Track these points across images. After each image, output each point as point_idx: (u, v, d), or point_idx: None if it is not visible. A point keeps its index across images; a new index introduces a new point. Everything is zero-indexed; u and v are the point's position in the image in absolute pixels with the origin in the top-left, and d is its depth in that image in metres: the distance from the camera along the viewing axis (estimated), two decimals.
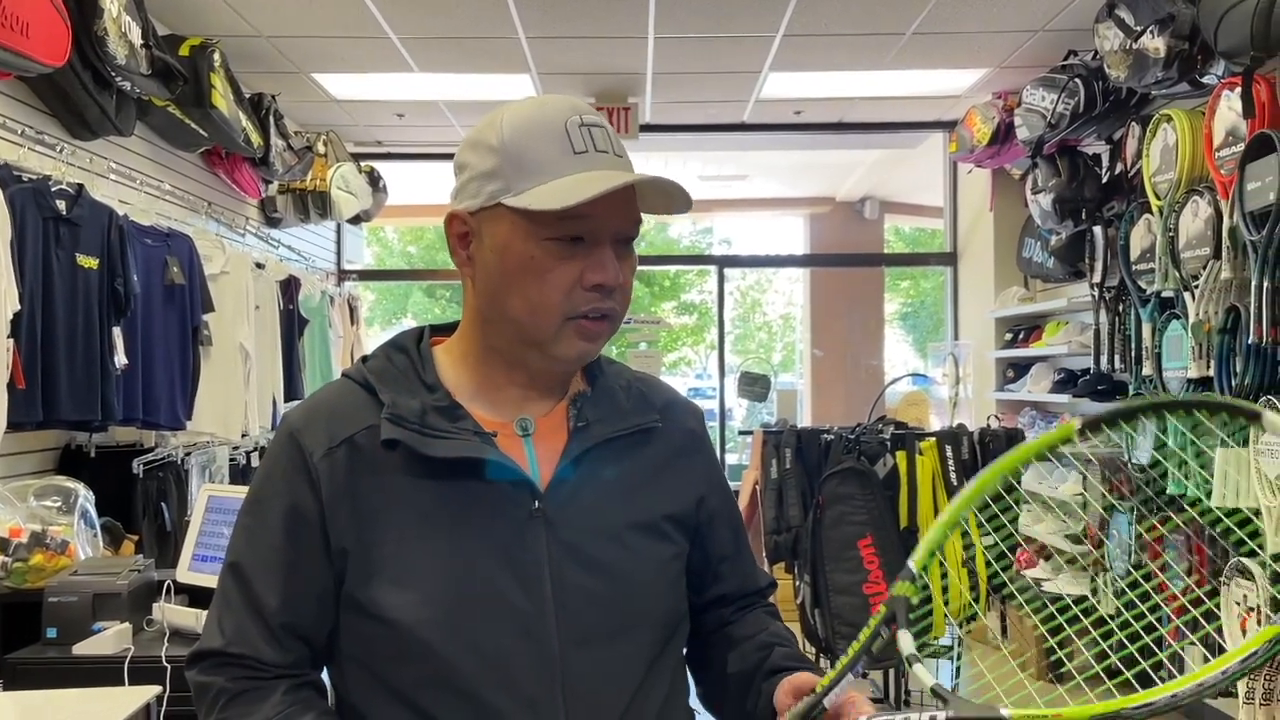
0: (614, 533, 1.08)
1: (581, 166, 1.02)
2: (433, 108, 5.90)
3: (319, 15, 4.42)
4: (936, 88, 5.65)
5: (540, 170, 1.02)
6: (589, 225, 1.03)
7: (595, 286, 1.03)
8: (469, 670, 1.00)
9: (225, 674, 1.04)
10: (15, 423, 2.97)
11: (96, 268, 3.35)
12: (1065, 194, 4.72)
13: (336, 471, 1.04)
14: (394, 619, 1.01)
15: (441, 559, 1.02)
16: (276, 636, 1.04)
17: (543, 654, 1.02)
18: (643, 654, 1.08)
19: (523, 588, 1.03)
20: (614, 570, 1.07)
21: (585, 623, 1.04)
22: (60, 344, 3.18)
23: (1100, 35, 4.00)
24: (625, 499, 1.10)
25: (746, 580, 1.25)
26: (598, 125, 1.05)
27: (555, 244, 1.03)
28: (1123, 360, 4.38)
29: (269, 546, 1.05)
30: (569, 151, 1.03)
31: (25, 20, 2.89)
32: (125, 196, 3.86)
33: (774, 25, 4.62)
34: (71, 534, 2.60)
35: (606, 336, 1.09)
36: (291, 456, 1.06)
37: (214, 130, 4.35)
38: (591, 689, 1.04)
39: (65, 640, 2.21)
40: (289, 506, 1.05)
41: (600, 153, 1.04)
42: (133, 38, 3.53)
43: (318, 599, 1.05)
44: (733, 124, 6.35)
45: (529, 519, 1.05)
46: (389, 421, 1.04)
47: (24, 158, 3.28)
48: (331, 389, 1.13)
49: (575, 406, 1.12)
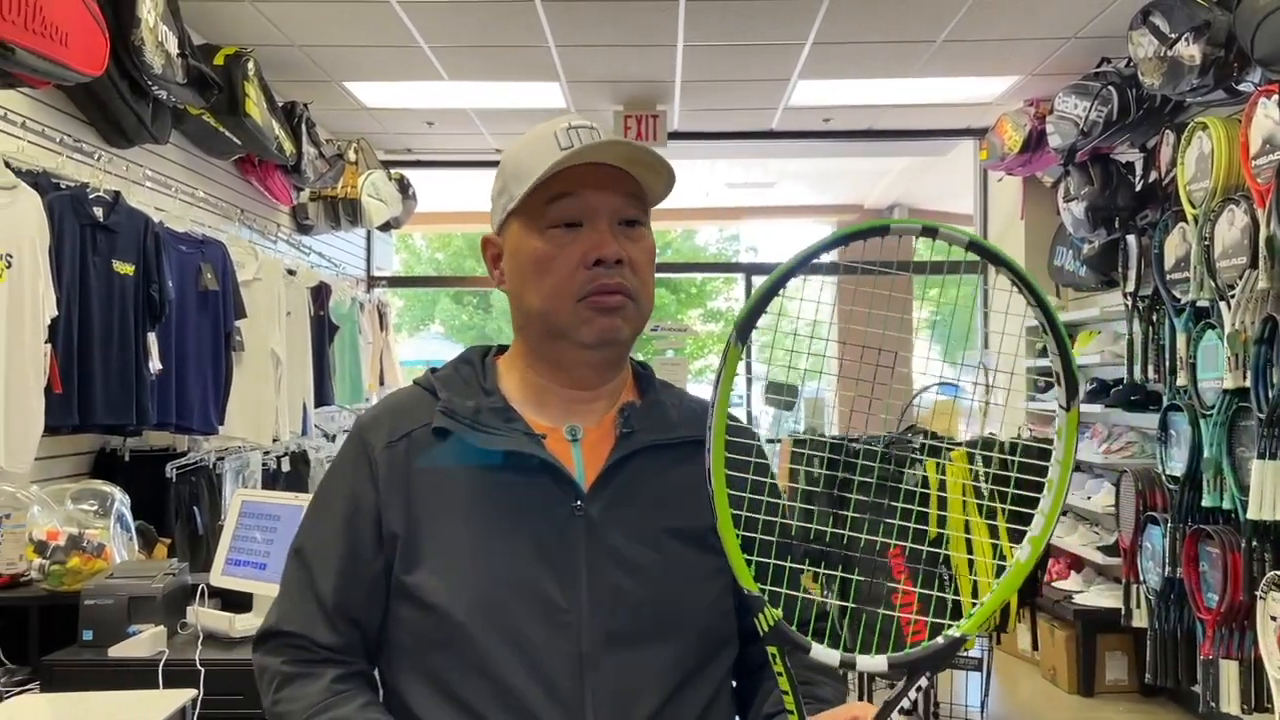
0: (653, 537, 1.10)
1: (566, 155, 1.07)
2: (462, 116, 5.93)
3: (351, 25, 4.46)
4: (967, 95, 5.62)
5: (532, 173, 1.08)
6: (580, 205, 1.09)
7: (596, 263, 1.08)
8: (500, 658, 1.04)
9: (282, 656, 1.11)
10: (52, 426, 3.01)
11: (132, 274, 3.39)
12: (1098, 202, 4.68)
13: (395, 463, 1.11)
14: (434, 603, 1.06)
15: (483, 550, 1.07)
16: (330, 618, 1.10)
17: (573, 650, 1.05)
18: (676, 664, 1.08)
19: (558, 584, 1.06)
20: (650, 573, 1.09)
21: (617, 623, 1.06)
22: (96, 349, 3.22)
23: (1134, 42, 3.96)
24: (667, 506, 1.12)
25: None
26: (586, 126, 1.11)
27: (555, 231, 1.09)
28: (1156, 370, 4.33)
29: (328, 533, 1.13)
30: (555, 149, 1.08)
31: (64, 30, 2.94)
32: (160, 203, 3.91)
33: (803, 33, 4.61)
34: (107, 537, 2.63)
35: (627, 313, 1.11)
36: (356, 450, 1.14)
37: (247, 138, 4.40)
38: (619, 690, 1.05)
39: (101, 643, 2.24)
40: (349, 495, 1.13)
41: (586, 145, 1.08)
42: (169, 47, 3.58)
43: (370, 584, 1.10)
44: (761, 131, 6.35)
45: (570, 518, 1.08)
46: (441, 413, 1.12)
47: (62, 165, 3.32)
48: (400, 393, 1.22)
49: (623, 415, 1.15)
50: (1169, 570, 3.94)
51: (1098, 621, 4.85)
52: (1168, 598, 4.00)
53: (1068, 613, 4.95)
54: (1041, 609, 5.07)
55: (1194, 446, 3.82)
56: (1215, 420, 3.60)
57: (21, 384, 2.86)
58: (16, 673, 2.30)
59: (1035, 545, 0.90)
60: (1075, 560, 5.30)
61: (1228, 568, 3.51)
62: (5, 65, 2.81)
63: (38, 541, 2.56)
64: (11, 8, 2.68)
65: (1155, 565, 4.08)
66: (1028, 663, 5.38)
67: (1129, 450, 4.86)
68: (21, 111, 3.25)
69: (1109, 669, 4.91)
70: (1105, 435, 5.07)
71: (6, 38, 2.68)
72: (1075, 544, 5.18)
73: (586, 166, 1.09)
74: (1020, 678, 5.28)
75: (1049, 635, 5.07)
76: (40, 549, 2.55)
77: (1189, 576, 3.76)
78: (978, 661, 3.81)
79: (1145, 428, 4.79)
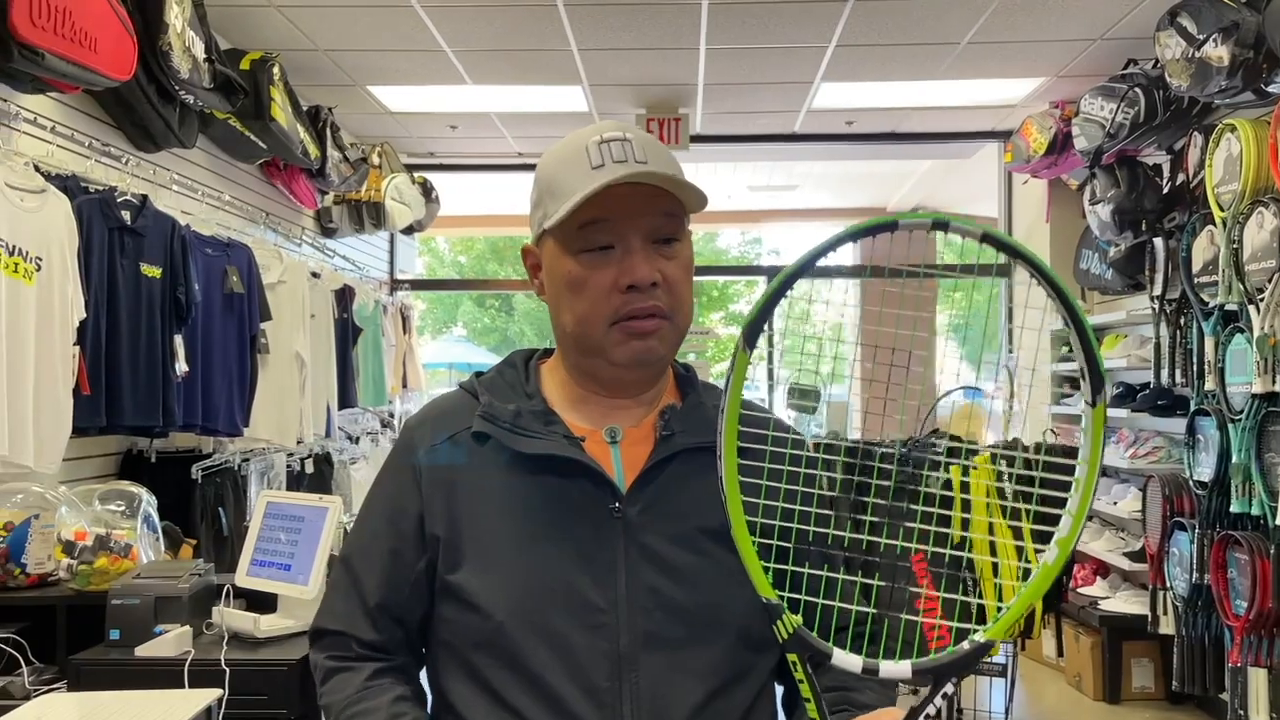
0: (691, 539, 1.11)
1: (598, 178, 1.06)
2: (485, 119, 5.95)
3: (375, 29, 4.49)
4: (991, 97, 5.59)
5: (565, 192, 1.09)
6: (612, 230, 1.08)
7: (629, 288, 1.08)
8: (539, 657, 1.05)
9: (326, 652, 1.17)
10: (80, 427, 3.04)
11: (159, 276, 3.42)
12: (1125, 205, 4.64)
13: (438, 464, 1.15)
14: (475, 604, 1.08)
15: (522, 550, 1.08)
16: (372, 616, 1.14)
17: (610, 650, 1.06)
18: (715, 666, 1.08)
19: (596, 585, 1.07)
20: (687, 575, 1.09)
21: (654, 624, 1.07)
22: (124, 351, 3.25)
23: (1161, 44, 3.93)
24: (706, 508, 1.11)
25: None
26: (618, 140, 1.09)
27: (588, 255, 1.09)
28: (1184, 375, 4.29)
29: (372, 533, 1.17)
30: (587, 169, 1.08)
31: (94, 36, 2.97)
32: (187, 207, 3.95)
33: (827, 36, 4.60)
34: (134, 538, 2.65)
35: (663, 334, 1.11)
36: (401, 453, 1.19)
37: (273, 142, 4.43)
38: (657, 692, 1.06)
39: (128, 642, 2.25)
40: (392, 496, 1.17)
41: (617, 163, 1.08)
42: (196, 52, 3.61)
43: (412, 584, 1.13)
44: (784, 134, 6.34)
45: (608, 519, 1.09)
46: (481, 418, 1.14)
47: (91, 169, 3.36)
48: (444, 397, 1.25)
49: (663, 418, 1.16)
50: (1196, 576, 3.90)
51: (1124, 628, 4.80)
52: (1195, 604, 3.96)
53: (1093, 619, 4.91)
54: (1067, 615, 5.03)
55: (1222, 451, 3.78)
56: (1244, 425, 3.57)
57: (50, 385, 2.89)
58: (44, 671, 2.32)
59: (1063, 547, 0.88)
60: (1101, 566, 5.25)
61: (1256, 574, 3.47)
62: (35, 70, 2.84)
63: (66, 541, 2.59)
64: (42, 14, 2.72)
65: (1182, 571, 4.03)
66: (1052, 669, 5.33)
67: (1156, 455, 4.81)
68: (51, 116, 3.29)
69: (1135, 676, 4.86)
70: (1132, 440, 5.02)
71: (37, 43, 2.71)
72: (1101, 549, 5.13)
73: (619, 186, 1.07)
74: (1045, 684, 5.23)
75: (1074, 641, 5.03)
76: (68, 549, 2.58)
77: (1217, 583, 3.72)
78: (1002, 668, 3.78)
79: (1172, 432, 4.74)
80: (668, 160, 1.11)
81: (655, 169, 1.08)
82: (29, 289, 2.82)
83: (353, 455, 5.61)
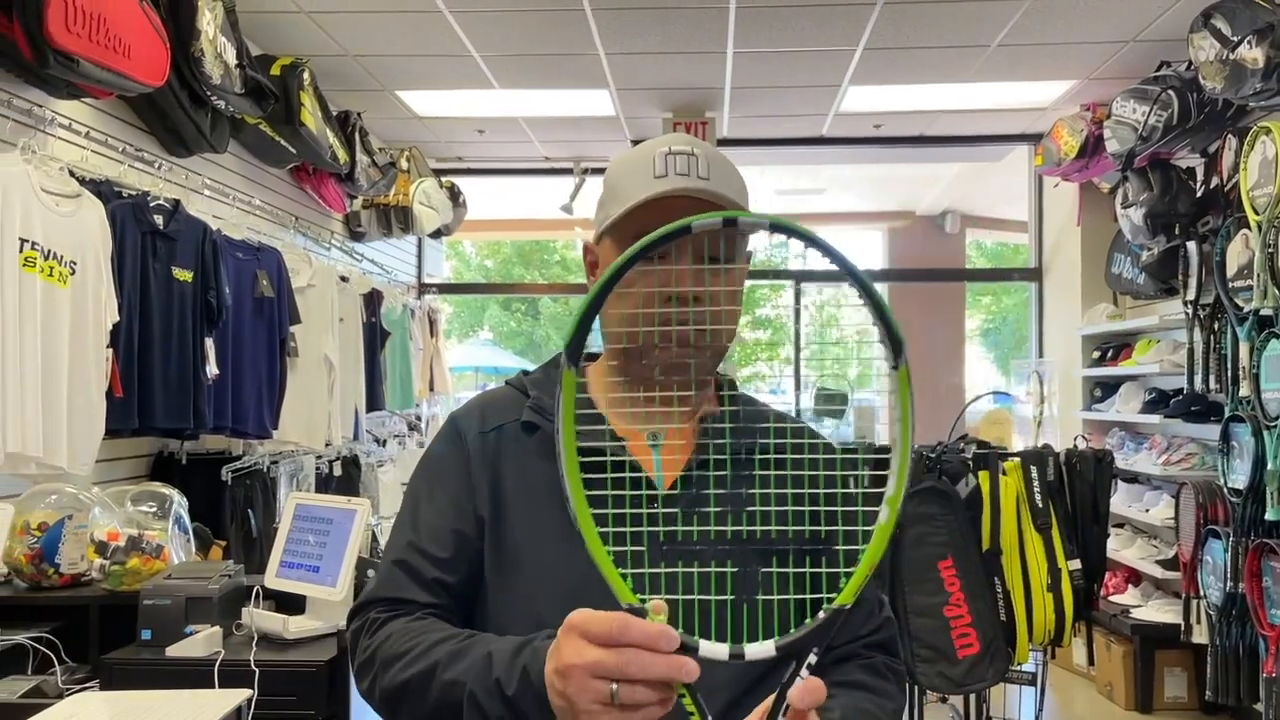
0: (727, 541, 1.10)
1: (658, 187, 1.09)
2: (512, 124, 5.97)
3: (404, 35, 4.52)
4: (1022, 100, 5.54)
5: (626, 196, 1.11)
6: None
7: (670, 299, 1.10)
8: None
9: (376, 609, 1.16)
10: (113, 429, 3.08)
11: (191, 280, 3.46)
12: (1157, 208, 4.59)
13: (486, 451, 1.18)
14: (516, 591, 1.12)
15: (562, 542, 1.09)
16: (430, 586, 1.15)
17: None
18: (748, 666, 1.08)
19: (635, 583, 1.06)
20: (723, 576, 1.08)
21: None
22: (156, 354, 3.29)
23: (1195, 45, 3.88)
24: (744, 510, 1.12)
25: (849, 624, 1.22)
26: (685, 153, 1.11)
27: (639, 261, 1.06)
28: (1218, 380, 4.23)
29: (426, 512, 1.18)
30: (650, 177, 1.11)
31: (128, 43, 3.01)
32: (218, 211, 3.98)
33: (855, 39, 4.58)
34: (166, 539, 2.67)
35: (703, 346, 1.13)
36: (449, 438, 1.22)
37: (303, 147, 4.47)
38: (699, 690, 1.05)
39: (159, 642, 2.27)
40: (440, 476, 1.19)
41: (679, 175, 1.10)
42: (227, 58, 3.65)
43: (469, 562, 1.16)
44: (811, 138, 6.31)
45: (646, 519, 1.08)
46: (530, 409, 1.19)
47: (124, 174, 3.40)
48: (493, 390, 1.29)
49: (703, 424, 1.18)
50: (1230, 585, 3.85)
51: (1156, 637, 4.74)
52: (1229, 613, 3.90)
53: (1125, 627, 4.85)
54: (1098, 623, 4.97)
55: (1257, 458, 3.73)
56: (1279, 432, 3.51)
57: (84, 388, 2.92)
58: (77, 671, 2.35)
59: (892, 505, 0.89)
60: (1133, 574, 5.19)
61: None
62: (70, 76, 2.88)
63: (99, 542, 2.61)
64: (77, 21, 2.75)
65: (1216, 580, 3.98)
66: (1084, 678, 5.27)
67: (1189, 462, 4.75)
68: (85, 121, 3.33)
69: (1168, 685, 4.79)
70: (1164, 446, 4.96)
71: (72, 49, 2.75)
72: (1133, 557, 5.07)
73: (678, 197, 1.09)
74: (1076, 693, 5.17)
75: (1106, 650, 4.97)
76: (101, 549, 2.60)
77: (1251, 592, 3.66)
78: (1032, 676, 3.74)
79: (1206, 439, 4.68)
80: (731, 181, 1.13)
81: (714, 187, 1.10)
82: (64, 292, 2.85)
83: (380, 458, 5.64)
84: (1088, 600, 3.54)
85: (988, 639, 3.35)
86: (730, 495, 1.08)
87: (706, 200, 1.10)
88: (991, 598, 3.42)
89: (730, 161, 1.17)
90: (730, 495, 1.08)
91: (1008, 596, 3.44)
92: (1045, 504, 3.57)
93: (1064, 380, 6.12)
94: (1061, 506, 3.54)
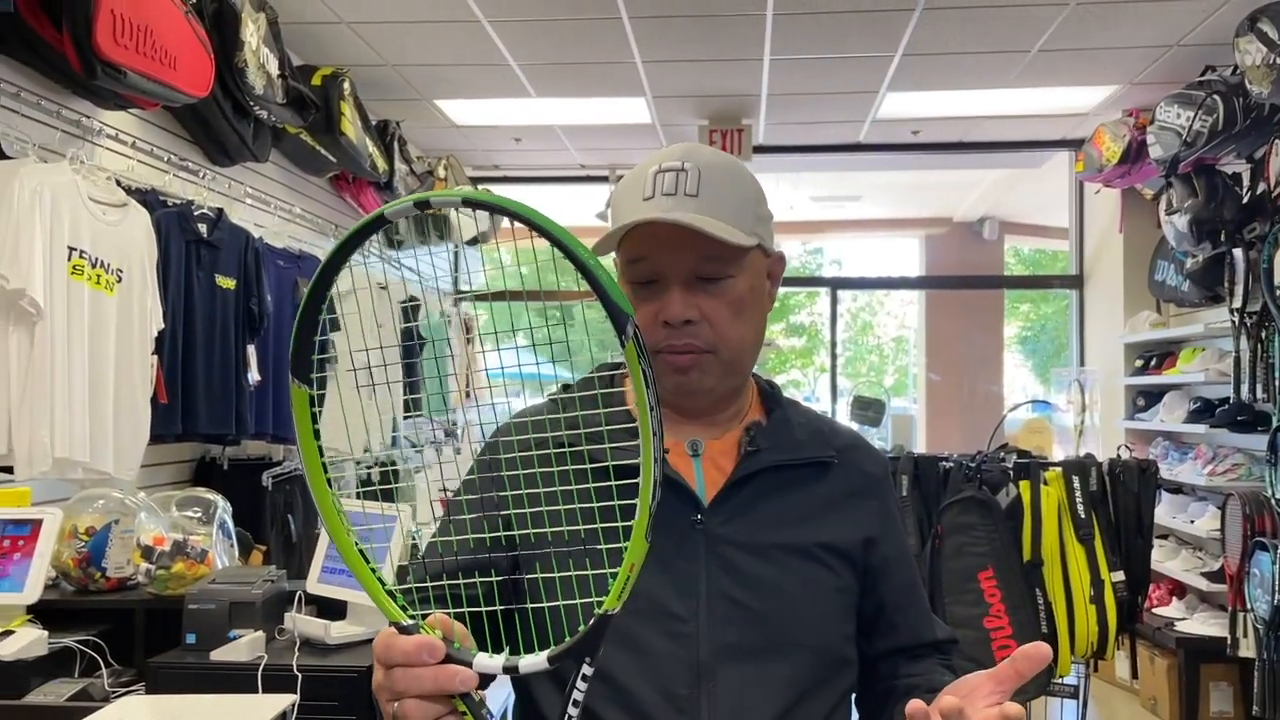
0: (772, 552, 1.11)
1: (642, 211, 1.08)
2: (549, 132, 6.00)
3: (442, 44, 4.55)
4: (1062, 105, 5.48)
5: (618, 217, 1.11)
6: (651, 267, 1.10)
7: (664, 324, 1.09)
8: (621, 663, 1.06)
9: None
10: (157, 435, 3.12)
11: (234, 288, 3.50)
12: (1202, 215, 4.52)
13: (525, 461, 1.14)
14: None
15: None
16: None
17: (690, 659, 1.06)
18: (791, 680, 1.09)
19: (678, 594, 1.08)
20: (767, 588, 1.10)
21: (733, 635, 1.08)
22: (199, 360, 3.33)
23: (1241, 50, 3.82)
24: (789, 523, 1.13)
25: (921, 632, 1.23)
26: (674, 170, 1.09)
27: (634, 287, 1.11)
28: (1265, 390, 4.16)
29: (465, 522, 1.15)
30: (639, 198, 1.09)
31: (174, 54, 3.05)
32: (260, 220, 4.03)
33: (893, 45, 4.56)
34: (210, 543, 2.70)
35: (704, 367, 1.12)
36: (489, 451, 1.20)
37: (342, 156, 4.51)
38: (736, 703, 1.06)
39: (203, 646, 2.30)
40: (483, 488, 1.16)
41: (665, 195, 1.08)
42: (270, 69, 3.69)
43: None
44: (848, 144, 6.28)
45: (690, 530, 1.10)
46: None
47: (169, 184, 3.45)
48: (535, 404, 1.26)
49: (749, 434, 1.17)
50: (1278, 598, 3.77)
51: (1201, 650, 4.65)
52: (1277, 626, 3.82)
53: (1169, 641, 4.77)
54: (1142, 636, 4.88)
55: None
56: None
57: (130, 395, 2.97)
58: (123, 674, 2.37)
59: (644, 469, 0.83)
60: (1178, 586, 5.10)
61: None
62: (118, 88, 2.93)
63: (145, 547, 2.65)
64: (125, 33, 2.80)
65: (1264, 593, 3.90)
66: (1127, 692, 5.19)
67: (1235, 472, 4.66)
68: (131, 132, 3.38)
69: (1213, 700, 4.70)
70: (1210, 456, 4.88)
71: (119, 61, 2.80)
72: (1178, 569, 4.98)
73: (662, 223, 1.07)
74: (1119, 707, 5.09)
75: (1149, 664, 4.89)
76: (147, 554, 2.64)
77: None
78: (1074, 689, 3.69)
79: (1253, 449, 4.60)
80: (725, 194, 1.09)
81: (694, 211, 1.06)
82: (110, 300, 2.90)
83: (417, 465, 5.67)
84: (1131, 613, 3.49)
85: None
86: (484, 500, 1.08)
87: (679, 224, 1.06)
88: (1033, 609, 3.37)
89: (735, 169, 1.13)
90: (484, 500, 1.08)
91: (1049, 608, 3.39)
92: (1088, 514, 3.52)
93: (1106, 389, 6.03)
94: (1104, 517, 3.49)
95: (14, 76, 2.86)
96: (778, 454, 1.15)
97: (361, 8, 4.13)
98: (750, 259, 1.13)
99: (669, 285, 1.10)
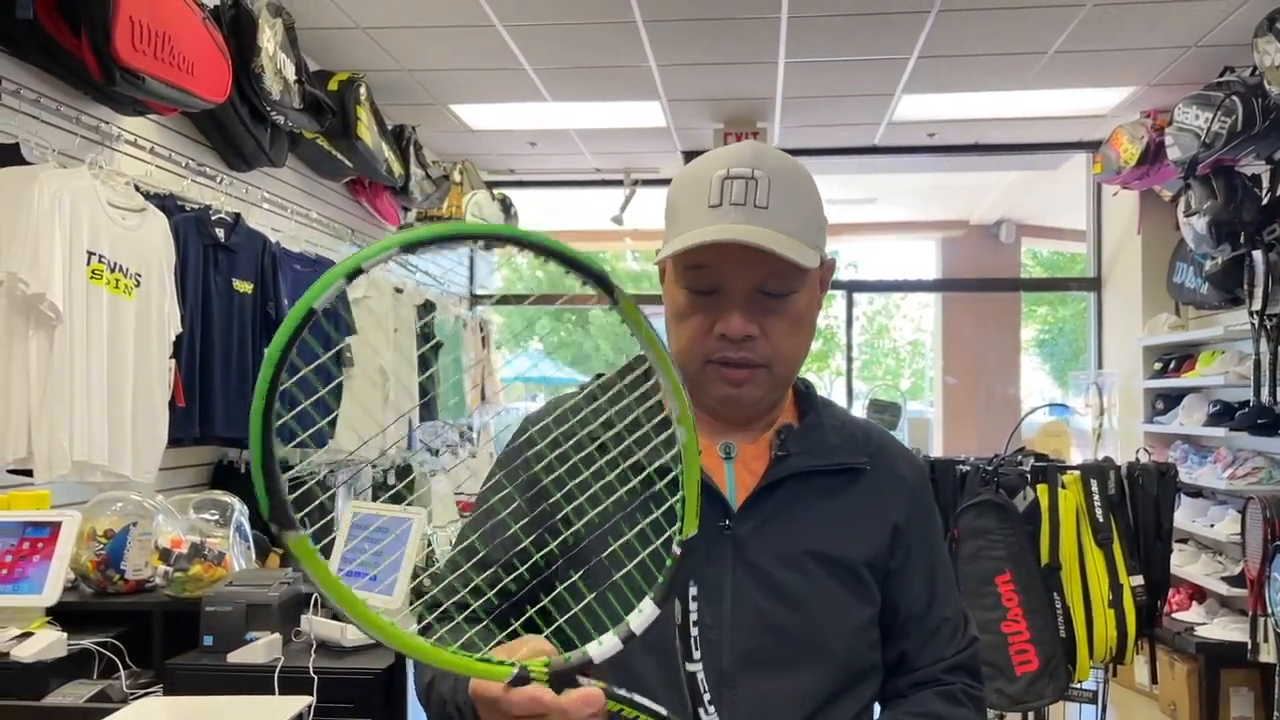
0: (799, 561, 1.09)
1: (710, 219, 1.04)
2: (564, 136, 6.01)
3: (458, 49, 4.57)
4: (1080, 107, 5.46)
5: (681, 223, 1.07)
6: (714, 277, 1.06)
7: (722, 336, 1.07)
8: (645, 667, 1.04)
9: None
10: (175, 438, 3.14)
11: (251, 292, 3.52)
12: (1222, 216, 4.48)
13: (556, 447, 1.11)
14: None
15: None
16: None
17: (713, 666, 1.03)
18: (813, 690, 1.07)
19: (704, 600, 1.04)
20: (793, 597, 1.07)
21: (756, 645, 1.06)
22: (217, 364, 3.35)
23: (1260, 50, 3.79)
24: (818, 531, 1.11)
25: (932, 646, 1.17)
26: (742, 178, 1.04)
27: (690, 293, 1.08)
28: None
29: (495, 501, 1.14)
30: (705, 204, 1.05)
31: (191, 60, 3.08)
32: (276, 224, 4.05)
33: (909, 47, 4.54)
34: (227, 546, 2.71)
35: (756, 381, 1.10)
36: (520, 438, 1.17)
37: (358, 161, 4.53)
38: (755, 711, 1.04)
39: (220, 648, 2.31)
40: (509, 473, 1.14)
41: (734, 205, 1.04)
42: (287, 74, 3.71)
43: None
44: (863, 147, 6.27)
45: (719, 535, 1.08)
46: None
47: (187, 189, 3.47)
48: (566, 395, 1.23)
49: (780, 437, 1.14)
50: None
51: (1222, 655, 4.61)
52: None
53: (1189, 645, 4.73)
54: (1161, 641, 4.84)
55: None
56: None
57: (148, 398, 2.99)
58: (141, 675, 2.39)
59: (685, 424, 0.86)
60: (1197, 590, 5.06)
61: None
62: (136, 93, 2.95)
63: (162, 549, 2.66)
64: (143, 40, 2.82)
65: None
66: (1146, 697, 5.15)
67: (1255, 476, 4.62)
68: (150, 137, 3.41)
69: (1234, 706, 4.66)
70: (1230, 460, 4.84)
71: (138, 67, 2.82)
72: (1198, 573, 4.94)
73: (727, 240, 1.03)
74: (1138, 712, 5.05)
75: (1169, 669, 4.85)
76: (165, 556, 2.65)
77: None
78: (1092, 694, 3.66)
79: (1273, 452, 4.56)
80: (796, 203, 1.06)
81: (765, 225, 1.02)
82: (129, 304, 2.92)
83: (433, 468, 5.69)
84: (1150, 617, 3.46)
85: (1047, 656, 3.28)
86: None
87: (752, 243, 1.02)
88: (1051, 614, 3.35)
89: (802, 177, 1.09)
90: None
91: (1067, 612, 3.37)
92: (1106, 518, 3.50)
93: (1124, 392, 5.99)
94: (1123, 521, 3.47)
95: (34, 82, 2.88)
96: (808, 459, 1.13)
97: (377, 13, 4.15)
98: (812, 274, 1.10)
99: (730, 299, 1.06)
